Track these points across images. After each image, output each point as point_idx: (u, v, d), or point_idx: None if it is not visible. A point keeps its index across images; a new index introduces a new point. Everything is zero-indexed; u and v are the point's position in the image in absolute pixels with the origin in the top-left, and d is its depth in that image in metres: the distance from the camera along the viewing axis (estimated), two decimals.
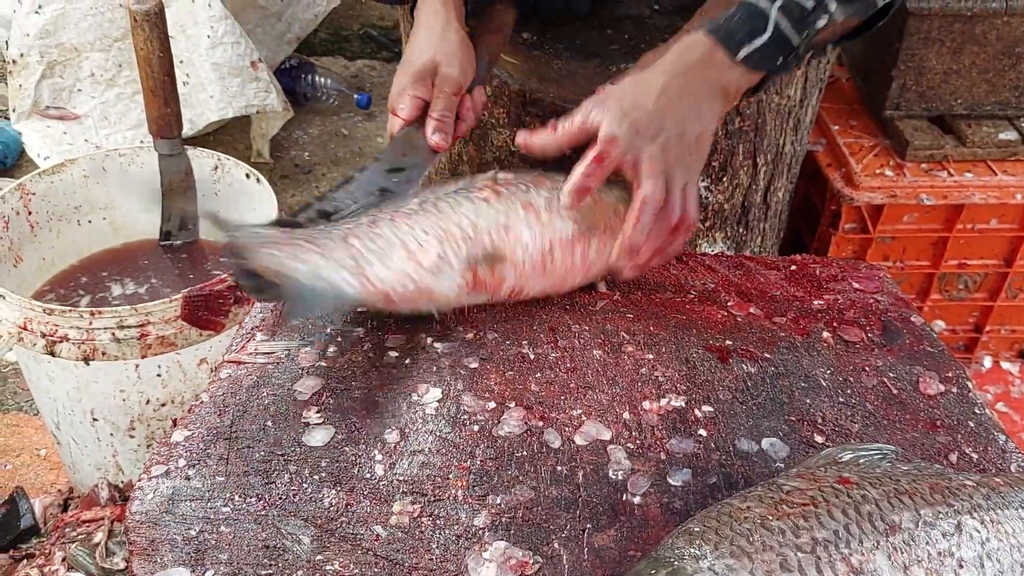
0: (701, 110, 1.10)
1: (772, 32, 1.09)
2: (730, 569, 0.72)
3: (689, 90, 1.09)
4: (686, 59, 1.11)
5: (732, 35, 1.09)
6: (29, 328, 1.53)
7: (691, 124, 1.09)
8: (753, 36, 1.09)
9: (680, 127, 1.08)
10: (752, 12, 1.09)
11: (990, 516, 0.80)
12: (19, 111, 2.76)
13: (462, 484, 0.90)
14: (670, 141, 1.07)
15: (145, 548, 0.85)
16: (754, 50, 1.09)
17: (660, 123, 1.07)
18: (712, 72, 1.10)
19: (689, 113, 1.09)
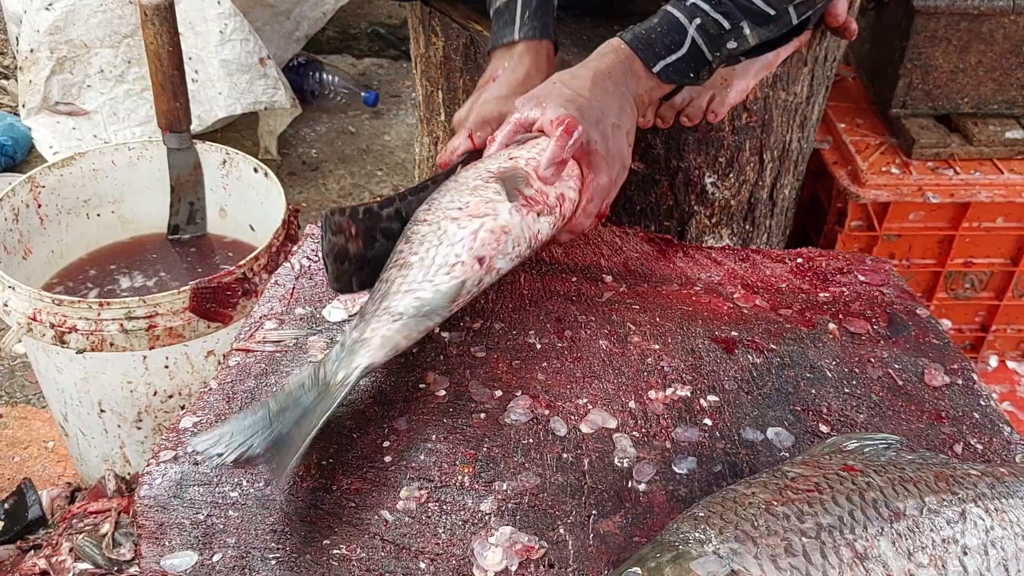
0: (622, 108, 1.13)
1: (688, 48, 1.14)
2: (735, 553, 0.72)
3: (613, 90, 1.12)
4: (608, 64, 1.14)
5: (651, 47, 1.14)
6: (38, 319, 1.54)
7: (620, 117, 1.12)
8: (670, 51, 1.14)
9: (614, 118, 1.11)
10: (671, 26, 1.14)
11: (994, 505, 0.80)
12: (29, 107, 2.77)
13: (469, 471, 0.91)
14: (609, 131, 1.10)
15: (154, 532, 0.85)
16: (669, 64, 1.14)
17: (601, 111, 1.09)
18: (631, 80, 1.14)
19: (615, 108, 1.12)
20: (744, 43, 1.16)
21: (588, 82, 1.11)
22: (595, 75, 1.12)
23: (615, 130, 1.11)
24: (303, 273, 1.15)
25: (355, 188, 3.00)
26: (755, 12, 1.16)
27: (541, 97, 1.10)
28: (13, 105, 3.12)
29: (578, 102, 1.08)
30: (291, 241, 1.71)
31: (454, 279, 0.97)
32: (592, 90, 1.10)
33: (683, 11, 1.15)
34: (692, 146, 1.44)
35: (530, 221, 1.03)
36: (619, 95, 1.13)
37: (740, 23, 1.15)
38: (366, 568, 0.82)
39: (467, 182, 1.06)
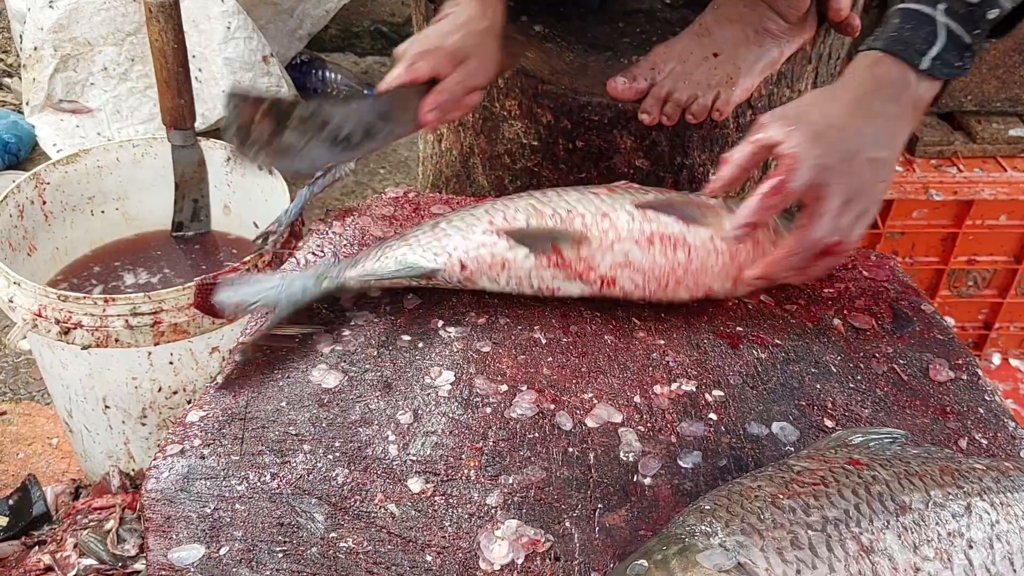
0: (894, 131, 1.04)
1: (946, 36, 1.04)
2: (741, 546, 0.73)
3: (881, 110, 1.03)
4: (875, 78, 1.05)
5: (910, 46, 1.04)
6: (43, 315, 1.54)
7: (883, 148, 1.02)
8: (930, 43, 1.04)
9: (872, 151, 1.01)
10: (917, 20, 1.05)
11: (1000, 499, 0.80)
12: (33, 104, 2.78)
13: (475, 464, 0.91)
14: (861, 168, 1.00)
15: (161, 525, 0.86)
16: (934, 57, 1.04)
17: (856, 144, 1.00)
18: (904, 91, 1.04)
19: (882, 135, 1.02)
20: (1003, 6, 1.04)
21: (848, 106, 1.02)
22: (859, 95, 1.03)
23: (868, 165, 1.00)
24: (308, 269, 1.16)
25: (358, 186, 3.00)
26: None
27: (792, 119, 1.01)
28: (17, 103, 3.13)
29: (828, 136, 0.99)
30: (295, 238, 1.71)
31: (435, 265, 1.07)
32: (851, 116, 1.01)
33: (922, 2, 1.05)
34: (696, 143, 1.45)
35: (543, 275, 1.07)
36: (890, 116, 1.03)
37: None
38: (373, 561, 0.82)
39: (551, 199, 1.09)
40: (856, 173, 0.99)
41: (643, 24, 1.54)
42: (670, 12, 1.56)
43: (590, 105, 1.38)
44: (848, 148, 0.99)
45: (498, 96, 1.45)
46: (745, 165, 1.04)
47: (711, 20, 1.37)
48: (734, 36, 1.35)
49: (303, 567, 0.82)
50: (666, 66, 1.34)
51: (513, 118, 1.48)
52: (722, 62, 1.35)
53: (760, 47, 1.36)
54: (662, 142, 1.43)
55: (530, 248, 1.04)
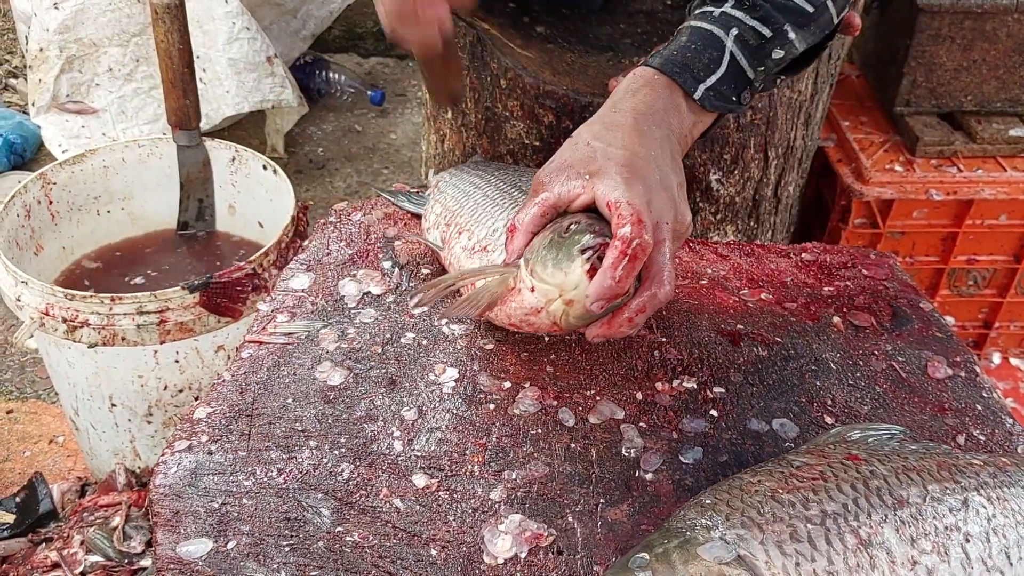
0: (676, 158, 0.95)
1: (728, 65, 0.97)
2: (741, 539, 0.74)
3: (660, 137, 0.93)
4: (645, 101, 0.95)
5: (688, 69, 0.96)
6: (51, 314, 1.56)
7: (676, 173, 0.93)
8: (710, 70, 0.96)
9: (676, 176, 0.92)
10: (706, 41, 0.97)
11: (996, 493, 0.81)
12: (38, 105, 2.79)
13: (478, 460, 0.92)
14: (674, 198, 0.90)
15: (169, 520, 0.87)
16: (710, 88, 0.96)
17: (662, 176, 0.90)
18: (672, 117, 0.96)
19: (669, 160, 0.93)
20: (791, 49, 0.99)
21: (633, 134, 0.91)
22: (635, 123, 0.92)
23: (678, 192, 0.91)
24: (313, 267, 1.17)
25: (361, 186, 3.02)
26: (795, 11, 0.99)
27: (581, 165, 0.89)
28: (22, 103, 3.15)
29: (639, 170, 0.87)
30: (300, 237, 1.73)
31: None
32: (644, 143, 0.90)
33: (715, 22, 0.98)
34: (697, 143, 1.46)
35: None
36: (666, 143, 0.93)
37: (783, 27, 0.98)
38: (378, 555, 0.83)
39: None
40: (674, 205, 0.89)
41: (644, 25, 1.55)
42: (671, 13, 1.57)
43: (592, 106, 1.39)
44: (659, 180, 0.89)
45: (500, 97, 1.46)
46: (535, 230, 0.91)
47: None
48: None
49: (310, 560, 0.83)
50: None
51: (515, 119, 1.49)
52: None
53: None
54: None
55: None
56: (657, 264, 0.86)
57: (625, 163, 0.88)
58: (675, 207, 0.89)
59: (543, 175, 0.92)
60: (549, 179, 0.91)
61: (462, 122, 1.55)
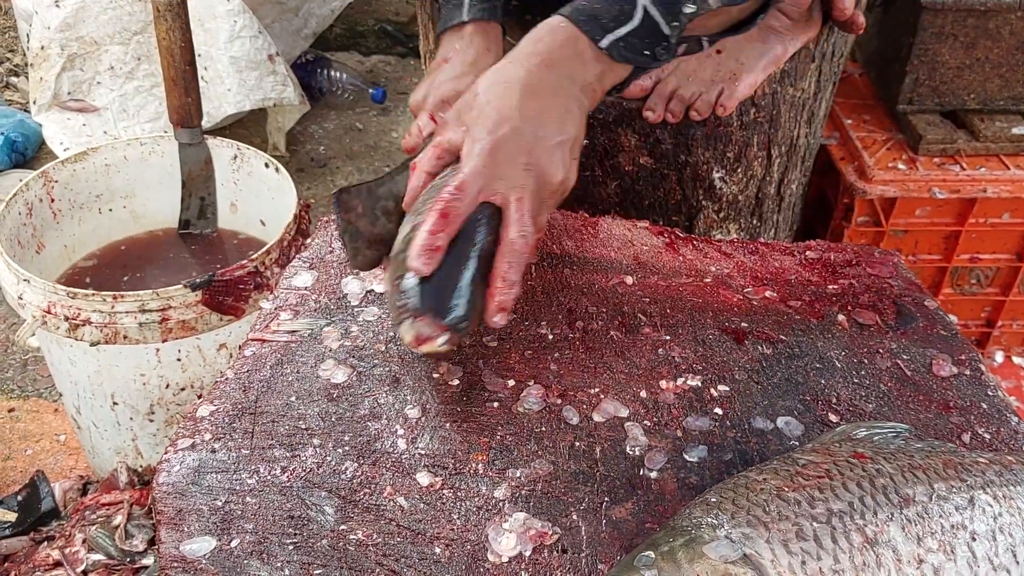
0: (570, 111, 0.98)
1: (641, 18, 0.97)
2: (746, 537, 0.74)
3: (552, 90, 0.96)
4: (545, 50, 0.98)
5: (596, 20, 0.97)
6: (53, 312, 1.55)
7: (565, 128, 0.97)
8: (619, 22, 0.97)
9: (558, 135, 0.96)
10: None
11: (1003, 492, 0.81)
12: (39, 103, 2.79)
13: (482, 458, 0.92)
14: (540, 161, 0.96)
15: (172, 518, 0.87)
16: (619, 39, 0.97)
17: (535, 133, 0.95)
18: (575, 66, 0.98)
19: (557, 119, 0.97)
20: (704, 4, 1.00)
21: (518, 91, 0.95)
22: (528, 76, 0.96)
23: (557, 149, 0.96)
24: (316, 265, 1.17)
25: None
26: None
27: (464, 114, 0.97)
28: (24, 102, 3.14)
29: (502, 131, 0.94)
30: (302, 235, 1.73)
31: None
32: (525, 102, 0.95)
33: None
34: (700, 141, 1.45)
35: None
36: (561, 95, 0.97)
37: None
38: (382, 553, 0.83)
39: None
40: (536, 168, 0.95)
41: None
42: None
43: None
44: (529, 137, 0.94)
45: None
46: (432, 171, 1.00)
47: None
48: None
49: (313, 559, 0.83)
50: (670, 64, 1.35)
51: None
52: (725, 58, 1.35)
53: (763, 43, 1.37)
54: (666, 140, 1.44)
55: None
56: (507, 221, 0.95)
57: (490, 128, 0.95)
58: (540, 167, 0.95)
59: (449, 113, 1.00)
60: (447, 121, 0.99)
61: None
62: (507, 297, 0.95)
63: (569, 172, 0.99)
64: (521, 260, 0.96)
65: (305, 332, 1.07)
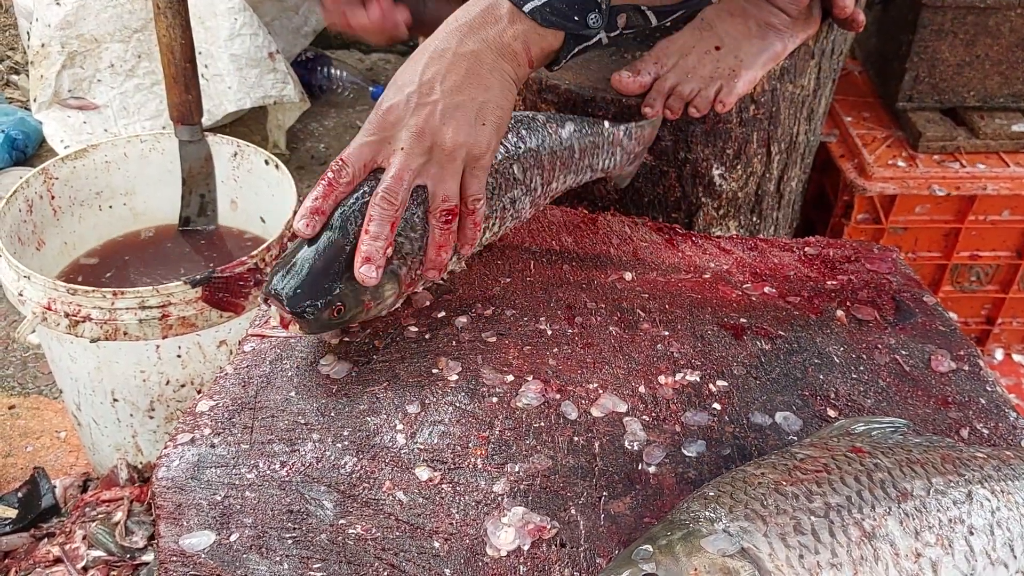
0: (479, 74, 0.96)
1: None
2: (744, 531, 0.74)
3: (464, 55, 0.96)
4: (466, 15, 0.97)
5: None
6: (53, 308, 1.56)
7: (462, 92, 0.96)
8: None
9: (448, 99, 0.96)
10: None
11: (1000, 486, 0.81)
12: (40, 101, 2.79)
13: (481, 453, 0.92)
14: (429, 121, 0.96)
15: (172, 512, 0.87)
16: (545, 3, 0.95)
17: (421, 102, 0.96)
18: (492, 28, 0.96)
19: (461, 80, 0.96)
20: None
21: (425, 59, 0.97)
22: (439, 43, 0.97)
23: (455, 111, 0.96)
24: None
25: None
26: None
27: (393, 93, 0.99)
28: (24, 99, 3.15)
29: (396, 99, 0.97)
30: None
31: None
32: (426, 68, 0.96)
33: None
34: (700, 138, 1.46)
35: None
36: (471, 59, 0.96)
37: None
38: (381, 547, 0.83)
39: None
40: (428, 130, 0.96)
41: None
42: None
43: (594, 100, 1.39)
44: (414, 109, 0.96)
45: None
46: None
47: (713, 14, 1.38)
48: (736, 29, 1.37)
49: (312, 553, 0.83)
50: (669, 60, 1.35)
51: None
52: (724, 55, 1.36)
53: (762, 40, 1.37)
54: (665, 137, 1.44)
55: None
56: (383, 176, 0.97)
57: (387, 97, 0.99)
58: (432, 129, 0.96)
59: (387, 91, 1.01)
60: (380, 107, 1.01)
61: None
62: (370, 248, 0.95)
63: (472, 136, 0.97)
64: (384, 214, 0.95)
65: None
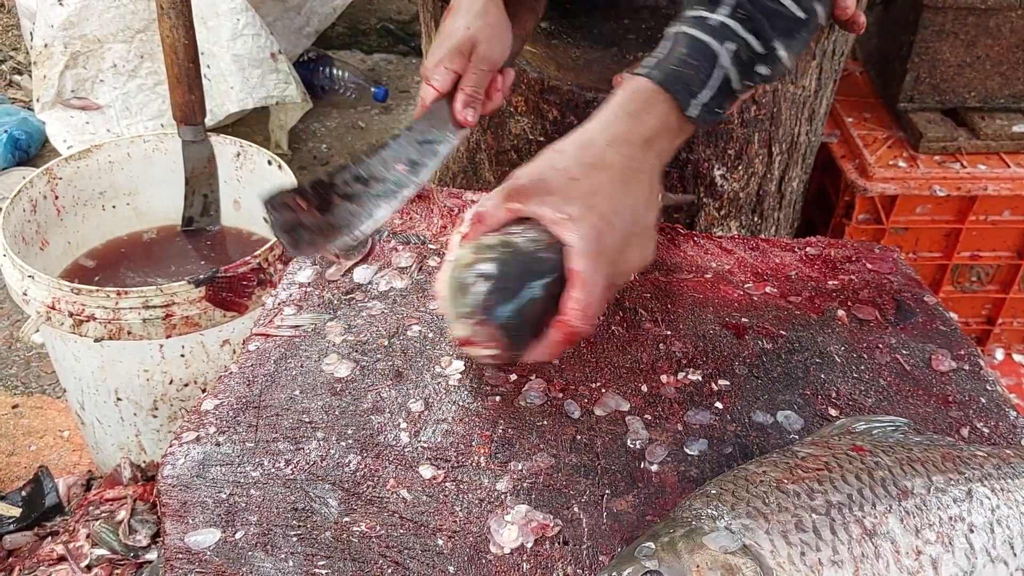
0: (654, 188, 0.96)
1: (721, 80, 0.95)
2: (746, 529, 0.74)
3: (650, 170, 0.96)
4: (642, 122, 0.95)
5: (687, 85, 0.95)
6: (57, 308, 1.56)
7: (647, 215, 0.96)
8: (703, 84, 0.95)
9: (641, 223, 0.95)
10: (701, 53, 0.95)
11: (1000, 484, 0.82)
12: (43, 101, 2.80)
13: (484, 451, 0.93)
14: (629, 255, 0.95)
15: (177, 510, 0.87)
16: (705, 104, 0.95)
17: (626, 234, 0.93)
18: (665, 140, 0.96)
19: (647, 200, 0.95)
20: (776, 68, 0.98)
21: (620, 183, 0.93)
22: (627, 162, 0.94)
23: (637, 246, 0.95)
24: (319, 261, 1.17)
25: None
26: (785, 19, 0.96)
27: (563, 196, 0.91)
28: (27, 100, 3.15)
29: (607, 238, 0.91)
30: None
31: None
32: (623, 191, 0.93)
33: (712, 34, 0.95)
34: (701, 138, 1.46)
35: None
36: (654, 176, 0.96)
37: (772, 43, 0.96)
38: (385, 545, 0.84)
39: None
40: (624, 260, 0.94)
41: (648, 20, 1.55)
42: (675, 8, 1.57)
43: (596, 101, 1.39)
44: (622, 240, 0.92)
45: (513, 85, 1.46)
46: (497, 228, 0.95)
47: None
48: None
49: (317, 550, 0.83)
50: None
51: (520, 114, 1.50)
52: None
53: None
54: None
55: None
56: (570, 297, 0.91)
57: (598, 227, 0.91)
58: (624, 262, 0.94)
59: (524, 180, 0.94)
60: (526, 191, 0.93)
61: None
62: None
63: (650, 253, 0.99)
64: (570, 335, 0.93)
65: (309, 327, 1.07)
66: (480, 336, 0.92)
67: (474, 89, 1.18)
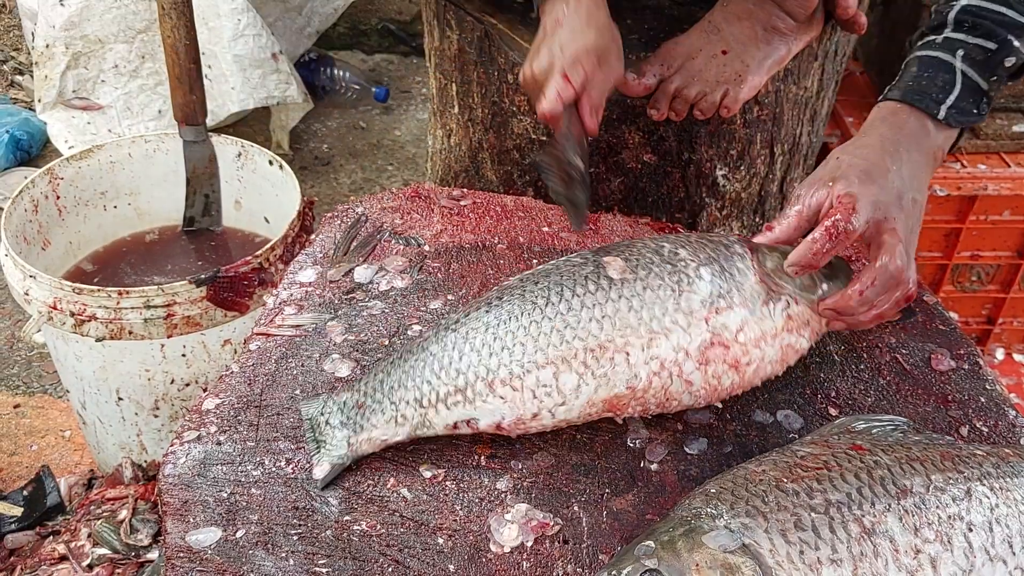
0: (922, 176, 1.05)
1: (962, 83, 1.06)
2: (745, 527, 0.74)
3: (907, 156, 1.04)
4: (893, 129, 1.06)
5: (927, 95, 1.06)
6: (59, 307, 1.57)
7: (917, 191, 1.03)
8: (946, 92, 1.06)
9: (912, 192, 1.02)
10: (936, 67, 1.07)
11: (999, 484, 0.82)
12: (44, 101, 2.81)
13: (484, 451, 0.93)
14: (910, 208, 1.01)
15: (178, 509, 0.88)
16: (951, 106, 1.06)
17: (899, 186, 1.00)
18: (923, 140, 1.06)
19: (914, 179, 1.03)
20: (1020, 55, 1.07)
21: (879, 151, 1.02)
22: (885, 143, 1.04)
23: (913, 206, 1.01)
24: (320, 261, 1.18)
25: (366, 183, 3.03)
26: (1013, 25, 1.06)
27: (827, 176, 1.01)
28: (28, 100, 3.16)
29: (875, 175, 0.99)
30: (306, 232, 1.74)
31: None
32: (887, 158, 1.02)
33: (940, 48, 1.08)
34: (704, 139, 1.46)
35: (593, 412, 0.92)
36: (915, 162, 1.04)
37: (1006, 37, 1.06)
38: (386, 543, 0.84)
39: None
40: (908, 211, 1.00)
41: (650, 20, 1.55)
42: (677, 9, 1.57)
43: None
44: (896, 187, 1.00)
45: (507, 92, 1.46)
46: (792, 237, 1.02)
47: (720, 17, 1.38)
48: (743, 33, 1.37)
49: (318, 549, 0.84)
50: (675, 62, 1.35)
51: (522, 114, 1.50)
52: (730, 59, 1.36)
53: (768, 45, 1.37)
54: (670, 137, 1.45)
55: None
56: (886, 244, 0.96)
57: (864, 169, 0.99)
58: (908, 217, 1.00)
59: (800, 187, 1.03)
60: (803, 191, 1.02)
61: (468, 117, 1.55)
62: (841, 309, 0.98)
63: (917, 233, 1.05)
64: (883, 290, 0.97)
65: (310, 327, 1.08)
66: None
67: (600, 96, 1.19)
